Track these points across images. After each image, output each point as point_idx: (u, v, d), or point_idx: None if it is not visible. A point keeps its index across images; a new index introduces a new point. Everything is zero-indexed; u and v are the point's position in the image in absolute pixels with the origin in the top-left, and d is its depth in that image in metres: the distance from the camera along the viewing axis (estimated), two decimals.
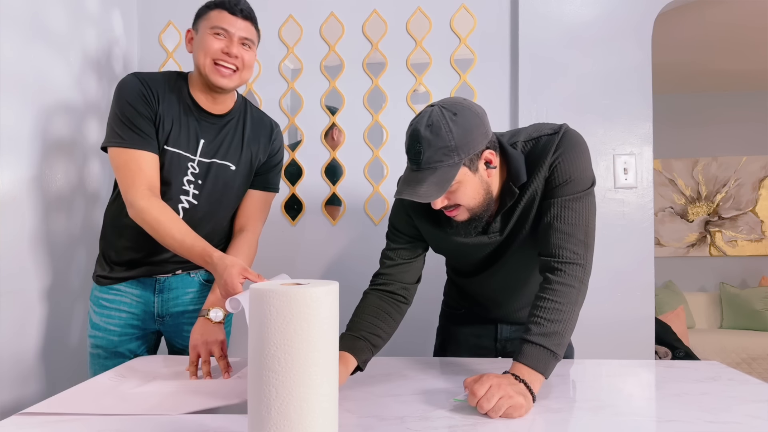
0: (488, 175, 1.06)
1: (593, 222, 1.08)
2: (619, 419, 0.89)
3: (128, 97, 1.25)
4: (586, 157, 1.09)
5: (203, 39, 1.27)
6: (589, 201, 1.08)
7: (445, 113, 1.00)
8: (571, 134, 1.09)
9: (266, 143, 1.42)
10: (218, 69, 1.27)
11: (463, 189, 1.03)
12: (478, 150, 1.02)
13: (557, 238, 1.05)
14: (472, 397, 0.90)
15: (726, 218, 4.65)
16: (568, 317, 1.00)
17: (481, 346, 1.37)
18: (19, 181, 1.50)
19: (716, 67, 4.09)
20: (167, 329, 1.45)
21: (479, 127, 1.02)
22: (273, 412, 0.66)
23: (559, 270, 1.03)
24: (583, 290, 1.04)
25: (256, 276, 1.10)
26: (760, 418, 0.88)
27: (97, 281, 1.42)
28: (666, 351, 3.05)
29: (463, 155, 1.00)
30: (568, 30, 1.95)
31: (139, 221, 1.23)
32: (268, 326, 0.66)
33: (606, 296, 1.91)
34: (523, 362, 0.96)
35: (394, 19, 2.04)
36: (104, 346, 1.39)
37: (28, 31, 1.54)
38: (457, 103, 1.03)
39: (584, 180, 1.07)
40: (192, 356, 1.18)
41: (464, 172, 1.02)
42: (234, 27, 1.27)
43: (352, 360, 1.06)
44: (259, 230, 1.45)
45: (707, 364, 1.25)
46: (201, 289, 1.45)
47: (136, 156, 1.24)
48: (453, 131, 0.99)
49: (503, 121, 2.00)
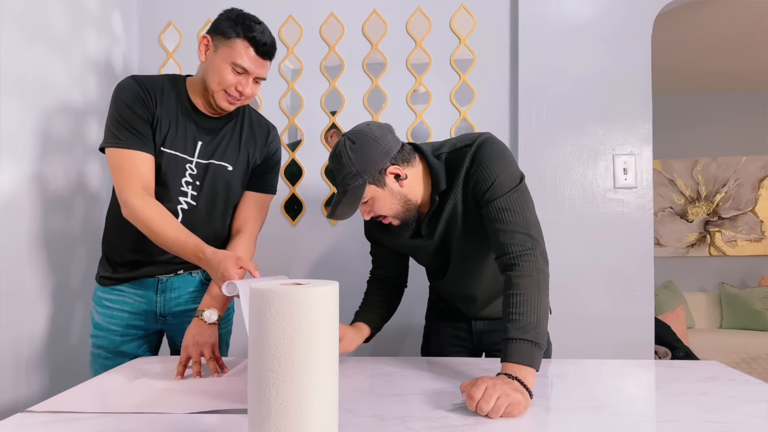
0: (400, 186, 1.18)
1: (531, 213, 1.15)
2: (619, 419, 0.89)
3: (126, 99, 1.26)
4: (505, 160, 1.17)
5: (220, 67, 1.25)
6: (519, 196, 1.15)
7: (347, 143, 1.15)
8: (486, 143, 1.18)
9: (263, 145, 1.42)
10: (227, 97, 1.28)
11: (378, 203, 1.18)
12: (380, 168, 1.15)
13: (503, 237, 1.12)
14: (470, 401, 0.90)
15: (726, 218, 4.65)
16: (537, 306, 1.04)
17: (459, 338, 1.44)
18: (19, 181, 1.51)
19: (716, 67, 4.09)
20: (169, 328, 1.45)
21: (376, 149, 1.14)
22: (273, 412, 0.66)
23: (514, 265, 1.09)
24: (543, 277, 1.09)
25: (253, 266, 1.12)
26: (760, 418, 0.88)
27: (100, 282, 1.42)
28: (666, 351, 3.05)
29: (365, 176, 1.14)
30: (567, 30, 1.95)
31: (132, 220, 1.23)
32: (268, 326, 0.66)
33: (606, 296, 1.91)
34: (510, 360, 0.99)
35: (394, 20, 2.04)
36: (106, 346, 1.39)
37: (29, 32, 1.54)
38: (359, 131, 1.17)
39: (508, 180, 1.15)
40: (182, 357, 1.19)
41: (373, 189, 1.16)
42: (254, 68, 1.26)
43: (366, 329, 1.31)
44: (257, 232, 1.45)
45: (707, 364, 1.25)
46: (201, 287, 1.46)
47: (131, 156, 1.24)
48: (352, 158, 1.14)
49: (503, 121, 2.00)
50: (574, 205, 1.94)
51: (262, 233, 1.62)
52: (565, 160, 1.95)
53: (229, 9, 1.29)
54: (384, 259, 1.42)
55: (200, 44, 1.29)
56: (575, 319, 1.91)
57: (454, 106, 2.01)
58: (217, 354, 1.22)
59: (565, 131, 1.95)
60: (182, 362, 1.18)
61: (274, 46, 1.29)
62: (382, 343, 1.82)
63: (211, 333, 1.23)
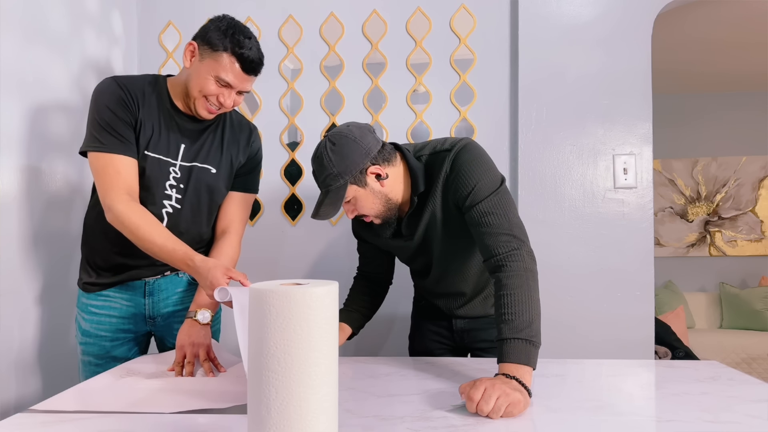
0: (381, 185, 1.20)
1: (514, 214, 1.17)
2: (619, 419, 0.89)
3: (108, 102, 1.24)
4: (484, 166, 1.18)
5: (203, 77, 1.23)
6: (500, 198, 1.16)
7: (327, 144, 1.17)
8: (465, 150, 1.19)
9: (245, 145, 1.42)
10: (206, 106, 1.27)
11: (360, 202, 1.20)
12: (360, 168, 1.17)
13: (488, 240, 1.13)
14: (470, 402, 0.90)
15: (726, 218, 4.65)
16: (530, 305, 1.05)
17: (442, 335, 1.46)
18: (19, 181, 1.50)
19: (716, 67, 4.09)
20: (158, 330, 1.45)
21: (357, 150, 1.16)
22: (273, 412, 0.66)
23: (502, 266, 1.10)
24: (532, 276, 1.09)
25: (242, 276, 1.11)
26: (760, 417, 0.88)
27: (84, 288, 1.40)
28: (666, 351, 3.05)
29: (346, 177, 1.16)
30: (567, 30, 1.95)
31: (117, 225, 1.22)
32: (268, 326, 0.66)
33: (606, 296, 1.91)
34: (506, 360, 0.99)
35: (394, 20, 2.04)
36: (96, 353, 1.38)
37: (28, 31, 1.54)
38: (339, 132, 1.18)
39: (488, 184, 1.17)
40: (178, 356, 1.19)
41: (354, 189, 1.18)
42: (238, 84, 1.25)
43: (348, 329, 1.36)
44: (242, 232, 1.45)
45: (707, 364, 1.25)
46: (189, 287, 1.46)
47: (114, 160, 1.23)
48: (333, 159, 1.16)
49: (503, 121, 2.00)
50: (574, 205, 1.94)
51: (262, 233, 1.64)
52: (565, 160, 1.95)
53: (221, 17, 1.26)
54: (370, 256, 1.45)
55: (186, 50, 1.27)
56: (576, 319, 1.91)
57: (454, 106, 2.01)
58: (212, 355, 1.22)
59: (565, 131, 1.95)
60: (178, 362, 1.18)
61: (262, 63, 1.27)
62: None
63: (206, 334, 1.24)
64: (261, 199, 2.05)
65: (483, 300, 1.39)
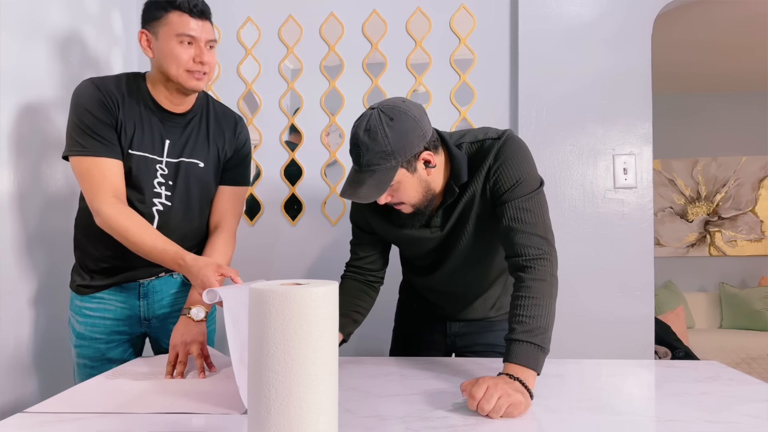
0: (428, 173, 1.12)
1: (548, 219, 1.14)
2: (619, 419, 0.89)
3: (87, 105, 1.24)
4: (529, 161, 1.16)
5: (170, 48, 1.24)
6: (540, 199, 1.14)
7: (383, 118, 1.05)
8: (513, 141, 1.15)
9: (231, 137, 1.41)
10: (192, 75, 1.26)
11: (403, 188, 1.10)
12: (415, 152, 1.07)
13: (519, 238, 1.09)
14: (471, 400, 0.90)
15: (726, 218, 4.65)
16: (548, 311, 1.03)
17: (433, 340, 1.42)
18: (19, 181, 1.50)
19: (716, 67, 4.09)
20: (153, 331, 1.44)
21: (415, 130, 1.06)
22: (273, 412, 0.66)
23: (529, 267, 1.07)
24: (555, 283, 1.07)
25: (233, 272, 1.11)
26: (760, 417, 0.88)
27: (77, 291, 1.39)
28: (666, 351, 3.05)
29: (399, 158, 1.05)
30: (567, 30, 1.95)
31: (106, 229, 1.22)
32: (268, 326, 0.66)
33: (606, 296, 1.91)
34: (513, 361, 0.98)
35: (393, 19, 2.04)
36: (91, 356, 1.37)
37: (28, 31, 1.54)
38: (395, 107, 1.06)
39: (532, 181, 1.13)
40: (171, 356, 1.18)
41: (402, 173, 1.08)
42: (199, 32, 1.24)
43: (339, 336, 1.21)
44: (235, 226, 1.44)
45: (707, 364, 1.25)
46: (183, 288, 1.45)
47: (98, 163, 1.22)
48: (389, 136, 1.04)
49: (503, 121, 2.00)
50: (574, 205, 1.94)
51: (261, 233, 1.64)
52: (565, 160, 1.95)
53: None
54: (369, 249, 1.33)
55: (140, 42, 1.28)
56: (575, 319, 1.91)
57: (454, 106, 2.01)
58: (206, 352, 1.22)
59: (565, 131, 1.95)
60: (170, 361, 1.18)
61: (207, 6, 1.27)
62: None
63: (199, 330, 1.22)
64: (261, 199, 2.05)
65: (484, 302, 1.36)
